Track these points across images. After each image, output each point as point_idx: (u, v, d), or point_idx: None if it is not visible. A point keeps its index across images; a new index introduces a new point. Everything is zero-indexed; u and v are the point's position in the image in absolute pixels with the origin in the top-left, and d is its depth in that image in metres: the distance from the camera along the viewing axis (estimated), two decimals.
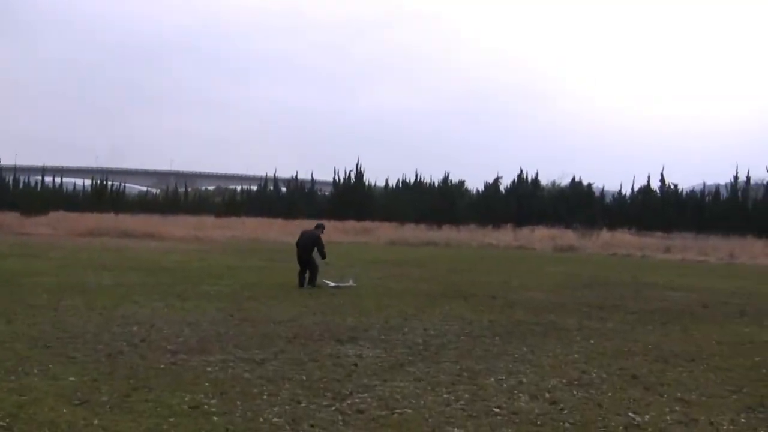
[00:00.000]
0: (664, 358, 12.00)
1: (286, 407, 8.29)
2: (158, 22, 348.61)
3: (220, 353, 11.20)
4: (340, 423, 7.81)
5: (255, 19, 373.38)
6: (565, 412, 8.53)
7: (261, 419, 7.81)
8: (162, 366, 10.17)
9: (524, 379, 10.09)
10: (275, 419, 7.82)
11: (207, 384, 9.20)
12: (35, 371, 9.63)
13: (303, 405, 8.42)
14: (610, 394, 9.42)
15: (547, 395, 9.25)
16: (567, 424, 8.02)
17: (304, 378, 9.73)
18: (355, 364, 10.69)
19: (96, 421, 7.56)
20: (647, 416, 8.41)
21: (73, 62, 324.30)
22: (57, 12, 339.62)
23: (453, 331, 14.12)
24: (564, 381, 10.05)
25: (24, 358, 10.44)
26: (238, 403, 8.39)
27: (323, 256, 21.53)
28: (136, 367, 10.07)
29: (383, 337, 13.25)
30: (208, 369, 10.07)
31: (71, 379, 9.29)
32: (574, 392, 9.47)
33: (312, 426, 7.66)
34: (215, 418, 7.80)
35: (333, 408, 8.34)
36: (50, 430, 7.28)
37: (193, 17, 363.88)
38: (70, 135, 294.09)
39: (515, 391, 9.40)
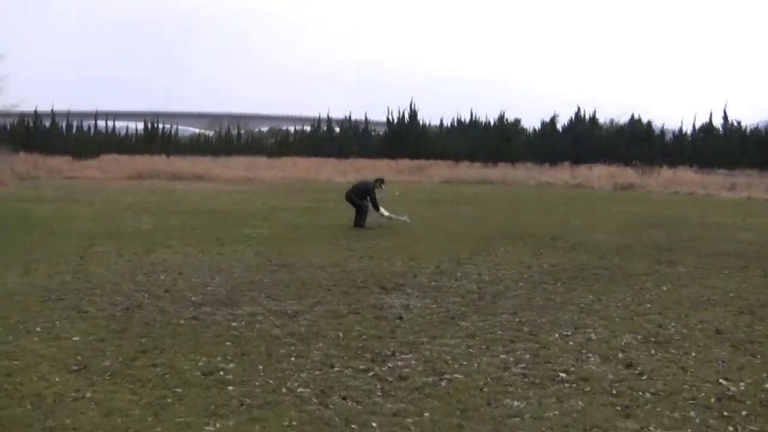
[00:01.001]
0: (750, 309, 10.58)
1: (316, 373, 7.10)
2: None
3: (249, 305, 10.05)
4: (378, 393, 6.60)
5: None
6: (644, 377, 7.21)
7: (284, 389, 6.62)
8: (182, 322, 9.03)
9: (593, 335, 8.78)
10: (301, 389, 6.63)
11: (228, 344, 8.04)
12: (38, 329, 8.56)
13: (336, 370, 7.22)
14: (693, 354, 8.07)
15: (620, 355, 7.94)
16: (648, 395, 6.71)
17: (341, 335, 8.52)
18: (400, 317, 9.44)
19: (89, 394, 6.43)
20: (742, 384, 7.05)
21: (127, 6, 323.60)
22: None
23: (511, 277, 12.84)
24: (639, 337, 8.72)
25: (31, 313, 9.38)
26: (260, 367, 7.23)
27: (376, 208, 20.52)
28: (153, 323, 8.94)
29: (433, 284, 12.02)
30: (233, 324, 8.92)
31: (75, 339, 8.19)
32: (652, 351, 8.14)
33: (344, 399, 6.43)
34: (230, 387, 6.63)
35: (371, 374, 7.13)
36: (32, 404, 6.16)
37: None
38: (124, 79, 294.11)
39: (583, 351, 8.10)
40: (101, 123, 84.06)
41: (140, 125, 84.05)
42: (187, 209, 25.22)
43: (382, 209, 20.59)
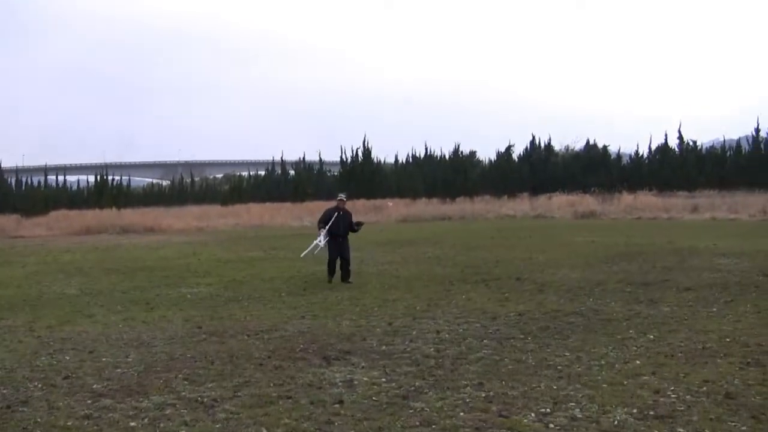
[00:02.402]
0: (756, 360, 8.96)
1: None
2: (155, 10, 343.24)
3: (160, 393, 8.25)
4: None
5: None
6: None
7: None
8: (69, 424, 7.23)
9: (578, 411, 7.08)
10: None
11: None
12: None
13: None
14: None
15: None
16: None
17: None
18: (340, 402, 7.67)
19: None
20: None
21: (73, 61, 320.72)
22: (54, 10, 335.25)
23: (473, 333, 11.19)
24: (635, 411, 7.03)
25: None
26: None
27: (357, 228, 18.90)
28: (32, 427, 7.17)
29: (384, 348, 10.30)
30: (131, 424, 7.15)
31: None
32: None
33: None
34: None
35: None
36: None
37: (187, 2, 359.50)
38: (75, 133, 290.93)
39: None
40: (51, 178, 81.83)
41: (92, 178, 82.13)
42: (125, 267, 23.40)
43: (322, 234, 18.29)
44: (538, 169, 69.70)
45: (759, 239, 26.93)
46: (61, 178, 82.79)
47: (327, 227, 18.11)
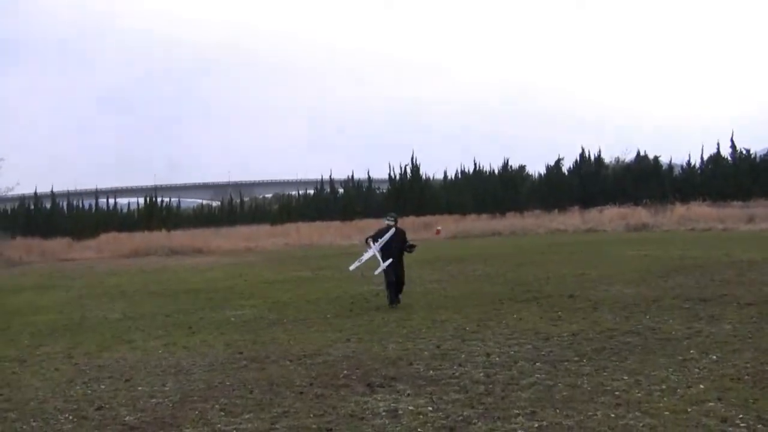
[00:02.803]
0: None
1: None
2: (204, 29, 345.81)
3: (194, 425, 7.88)
4: None
5: (298, 15, 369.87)
6: None
7: None
8: None
9: None
10: None
11: None
12: None
13: None
14: None
15: None
16: None
17: None
18: None
19: None
20: None
21: (120, 83, 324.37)
22: (103, 29, 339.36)
23: (525, 355, 10.67)
24: None
25: None
26: None
27: (410, 250, 17.70)
28: None
29: (431, 373, 9.82)
30: None
31: None
32: None
33: None
34: None
35: None
36: None
37: (229, 22, 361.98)
38: (126, 156, 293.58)
39: None
40: (102, 201, 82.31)
41: (142, 200, 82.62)
42: (170, 290, 23.22)
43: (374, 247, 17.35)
44: (588, 182, 68.56)
45: None
46: (111, 201, 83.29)
47: (378, 242, 17.17)
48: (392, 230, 17.26)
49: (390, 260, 16.73)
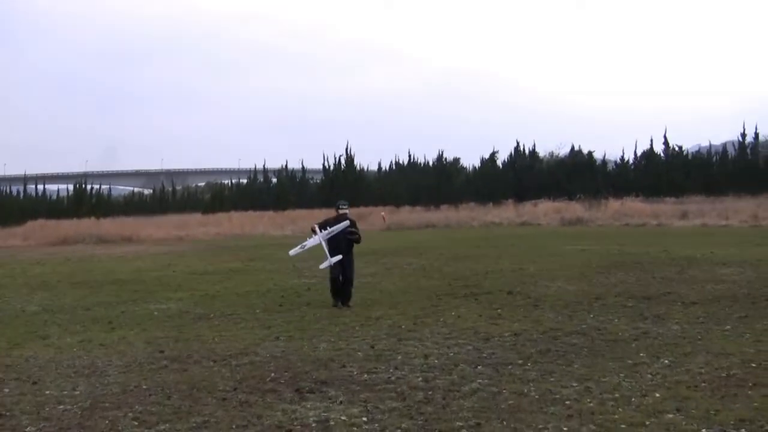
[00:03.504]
0: None
1: None
2: (138, 19, 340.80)
3: None
4: None
5: (232, 9, 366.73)
6: None
7: None
8: None
9: None
10: None
11: None
12: None
13: None
14: None
15: None
16: None
17: None
18: None
19: None
20: None
21: (55, 67, 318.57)
22: (36, 15, 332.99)
23: (465, 357, 10.02)
24: None
25: None
26: None
27: (354, 237, 16.28)
28: None
29: (366, 377, 9.10)
30: None
31: None
32: None
33: None
34: None
35: None
36: None
37: (171, 11, 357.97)
38: (57, 142, 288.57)
39: None
40: (31, 187, 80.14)
41: (72, 188, 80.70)
42: (95, 280, 22.19)
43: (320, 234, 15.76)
44: (523, 176, 68.56)
45: (756, 247, 25.98)
46: (40, 187, 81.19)
47: (326, 231, 15.69)
48: (347, 222, 15.97)
49: (339, 257, 15.50)
